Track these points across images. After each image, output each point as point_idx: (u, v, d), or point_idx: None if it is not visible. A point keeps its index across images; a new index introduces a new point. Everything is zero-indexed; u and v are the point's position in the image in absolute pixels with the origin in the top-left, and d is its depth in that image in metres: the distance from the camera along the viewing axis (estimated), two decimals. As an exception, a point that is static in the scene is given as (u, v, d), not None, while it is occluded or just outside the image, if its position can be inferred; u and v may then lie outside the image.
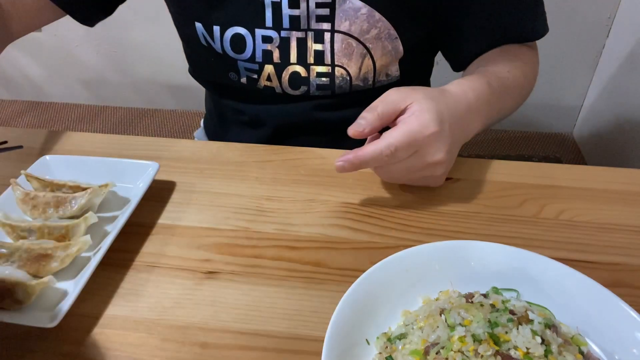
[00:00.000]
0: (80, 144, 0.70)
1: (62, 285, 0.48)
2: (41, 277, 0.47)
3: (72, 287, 0.46)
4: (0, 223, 0.52)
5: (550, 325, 0.40)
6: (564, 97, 1.95)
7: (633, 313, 0.41)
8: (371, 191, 0.61)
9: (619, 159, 1.71)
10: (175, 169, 0.65)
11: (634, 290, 0.49)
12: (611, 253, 0.53)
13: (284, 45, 0.71)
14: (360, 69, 0.72)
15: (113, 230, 0.51)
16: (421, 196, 0.61)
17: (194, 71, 0.86)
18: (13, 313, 0.45)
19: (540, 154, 1.94)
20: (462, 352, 0.37)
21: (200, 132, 1.00)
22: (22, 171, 0.57)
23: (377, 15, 0.68)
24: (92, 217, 0.52)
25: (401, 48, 0.72)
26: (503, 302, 0.43)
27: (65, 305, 0.44)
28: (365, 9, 0.67)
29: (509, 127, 2.04)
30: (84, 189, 0.55)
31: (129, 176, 0.60)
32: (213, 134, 0.94)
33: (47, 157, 0.62)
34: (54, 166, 0.61)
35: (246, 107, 0.81)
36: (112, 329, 0.46)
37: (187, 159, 0.67)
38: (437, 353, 0.38)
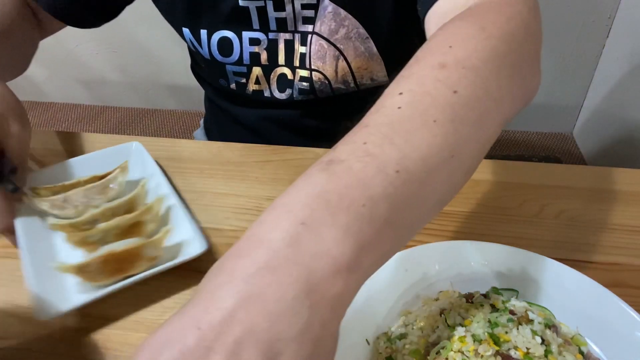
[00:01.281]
0: (80, 144, 0.70)
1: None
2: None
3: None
4: (59, 226, 0.52)
5: (550, 325, 0.40)
6: (564, 97, 1.95)
7: (633, 313, 0.41)
8: (371, 191, 0.61)
9: (619, 159, 1.71)
10: (175, 169, 0.65)
11: (634, 290, 0.49)
12: (611, 253, 0.53)
13: (272, 47, 0.70)
14: (336, 72, 0.70)
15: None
16: (421, 196, 0.60)
17: (195, 70, 0.86)
18: (161, 263, 0.49)
19: (540, 154, 1.94)
20: (462, 352, 0.37)
21: (200, 132, 1.00)
22: (27, 189, 0.55)
23: (343, 12, 0.65)
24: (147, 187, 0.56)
25: (375, 49, 0.68)
26: (503, 302, 0.43)
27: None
28: (330, 6, 0.65)
29: (509, 127, 2.03)
30: (101, 177, 0.56)
31: (117, 162, 0.60)
32: (212, 134, 0.94)
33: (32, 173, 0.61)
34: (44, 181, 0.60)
35: (238, 111, 0.81)
36: (112, 329, 0.46)
37: (187, 159, 0.67)
38: (437, 353, 0.38)
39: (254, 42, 0.70)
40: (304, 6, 0.66)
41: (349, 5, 0.65)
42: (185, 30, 0.71)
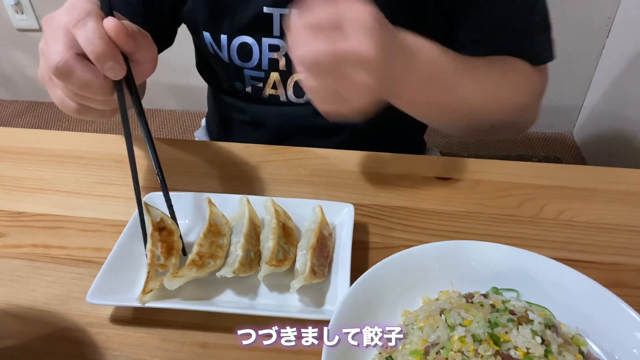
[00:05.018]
0: (80, 144, 0.70)
1: None
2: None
3: None
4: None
5: (550, 325, 0.40)
6: (564, 97, 1.95)
7: (633, 313, 0.41)
8: (371, 191, 0.61)
9: (619, 159, 1.71)
10: (175, 169, 0.65)
11: (634, 290, 0.49)
12: (611, 253, 0.53)
13: None
14: None
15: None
16: (421, 196, 0.61)
17: (201, 68, 0.86)
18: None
19: (540, 154, 1.94)
20: (462, 352, 0.37)
21: (201, 131, 1.00)
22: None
23: None
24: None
25: None
26: (503, 302, 0.43)
27: None
28: None
29: (509, 127, 2.04)
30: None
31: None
32: (215, 131, 0.94)
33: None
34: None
35: (248, 107, 0.81)
36: (112, 329, 0.46)
37: (188, 159, 0.67)
38: (437, 353, 0.38)
39: (273, 48, 0.70)
40: None
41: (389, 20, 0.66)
42: (206, 34, 0.72)
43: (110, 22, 0.45)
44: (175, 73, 2.07)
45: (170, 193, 0.55)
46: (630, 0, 1.65)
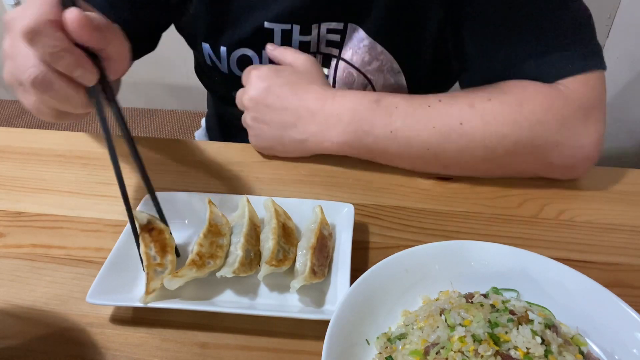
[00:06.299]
0: (80, 144, 0.70)
1: None
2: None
3: None
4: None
5: (550, 325, 0.40)
6: (564, 97, 1.95)
7: (633, 313, 0.41)
8: (371, 191, 0.61)
9: (619, 159, 1.71)
10: (175, 169, 0.65)
11: (634, 290, 0.49)
12: (611, 253, 0.53)
13: None
14: None
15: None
16: (421, 196, 0.61)
17: (200, 75, 0.86)
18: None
19: (540, 154, 1.94)
20: (462, 352, 0.37)
21: (201, 132, 1.00)
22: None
23: (379, 47, 0.67)
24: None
25: (404, 82, 0.70)
26: (503, 302, 0.43)
27: None
28: (367, 40, 0.66)
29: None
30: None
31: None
32: (215, 133, 0.94)
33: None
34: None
35: None
36: (112, 329, 0.46)
37: (187, 159, 0.67)
38: (437, 353, 0.38)
39: (274, 61, 0.70)
40: (330, 30, 0.67)
41: (388, 42, 0.66)
42: (205, 46, 0.71)
43: (72, 14, 0.38)
44: (176, 73, 2.07)
45: (170, 193, 0.55)
46: (630, 0, 1.65)
